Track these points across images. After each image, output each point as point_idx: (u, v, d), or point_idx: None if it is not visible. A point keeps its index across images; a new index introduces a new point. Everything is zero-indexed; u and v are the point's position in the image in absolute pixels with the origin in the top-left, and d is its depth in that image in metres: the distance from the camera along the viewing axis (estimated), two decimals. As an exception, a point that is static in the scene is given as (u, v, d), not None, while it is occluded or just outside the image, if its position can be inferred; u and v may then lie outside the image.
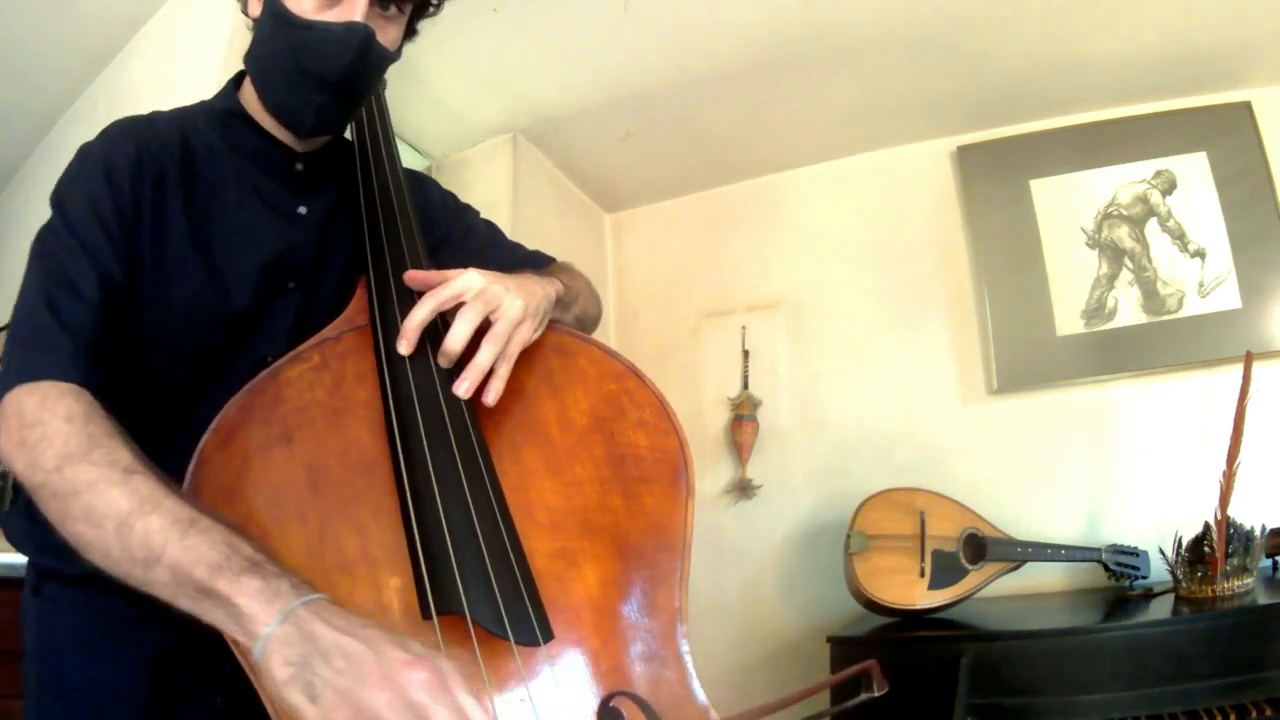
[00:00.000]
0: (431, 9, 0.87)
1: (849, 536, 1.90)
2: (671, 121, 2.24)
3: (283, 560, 0.61)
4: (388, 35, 0.82)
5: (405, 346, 0.73)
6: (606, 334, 2.66)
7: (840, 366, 2.38)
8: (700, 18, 1.83)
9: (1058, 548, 1.90)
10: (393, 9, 0.81)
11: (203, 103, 0.90)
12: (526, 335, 0.77)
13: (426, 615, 0.60)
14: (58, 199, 0.77)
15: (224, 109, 0.87)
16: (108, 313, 0.73)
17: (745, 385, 2.45)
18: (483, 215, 1.10)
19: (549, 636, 0.63)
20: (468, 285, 0.75)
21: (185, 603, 0.56)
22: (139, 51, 1.82)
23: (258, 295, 0.82)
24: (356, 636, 0.52)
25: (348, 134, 0.96)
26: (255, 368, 0.77)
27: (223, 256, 0.81)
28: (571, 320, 0.91)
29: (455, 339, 0.73)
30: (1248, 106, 2.12)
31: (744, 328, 2.49)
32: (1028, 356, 2.19)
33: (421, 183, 1.06)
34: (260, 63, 0.83)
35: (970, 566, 1.85)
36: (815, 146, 2.43)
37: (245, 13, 0.85)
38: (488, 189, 2.20)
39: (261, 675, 0.53)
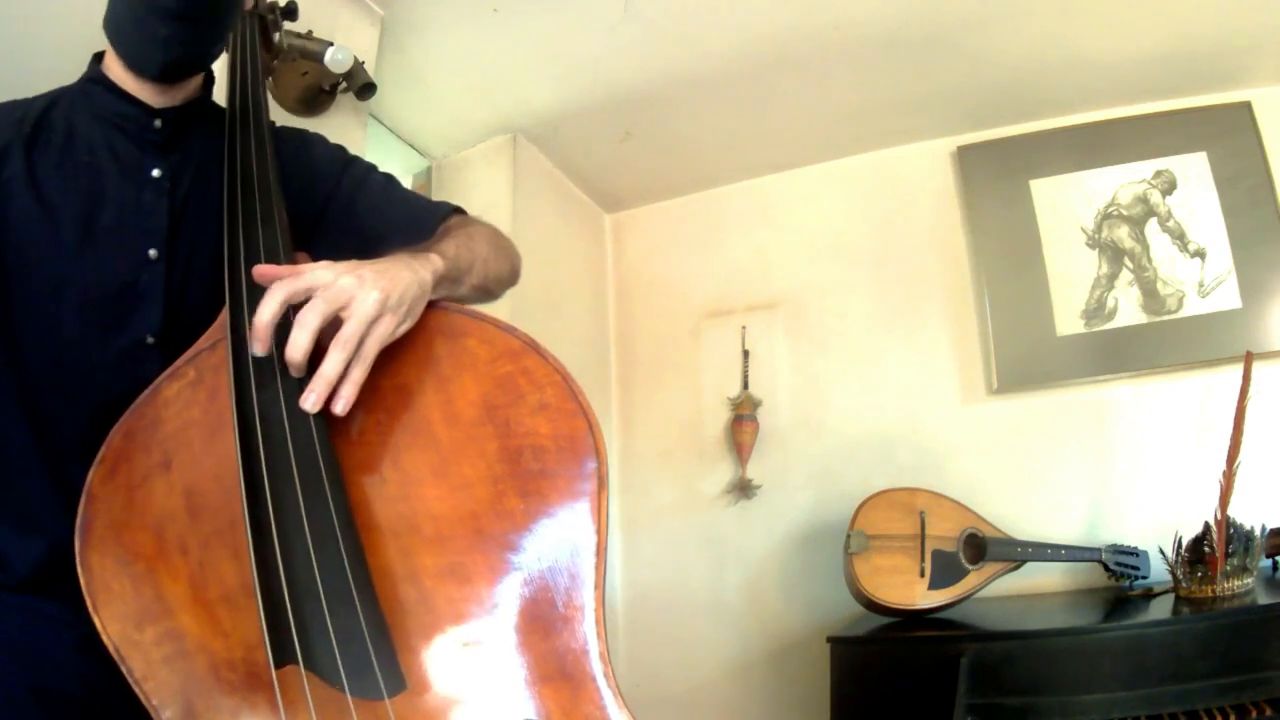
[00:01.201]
0: None
1: (849, 536, 1.90)
2: (671, 121, 2.24)
3: (168, 595, 0.61)
4: None
5: (259, 347, 0.66)
6: (606, 333, 2.66)
7: (840, 366, 2.38)
8: (700, 18, 1.83)
9: (1058, 548, 1.90)
10: None
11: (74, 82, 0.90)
12: (385, 332, 0.67)
13: (270, 665, 0.57)
14: None
15: (86, 77, 0.88)
16: None
17: (745, 385, 2.45)
18: (483, 215, 1.04)
19: (396, 688, 0.56)
20: (315, 279, 0.66)
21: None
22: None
23: (108, 259, 0.80)
24: None
25: (221, 103, 0.93)
26: (136, 349, 0.77)
27: (65, 218, 0.79)
28: (469, 291, 0.83)
29: (295, 347, 0.64)
30: (1248, 106, 2.12)
31: (744, 328, 2.49)
32: (1028, 356, 2.19)
33: (305, 143, 0.99)
34: (113, 18, 0.84)
35: (970, 566, 1.85)
36: (815, 146, 2.43)
37: None
38: (488, 189, 2.20)
39: None
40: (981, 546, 1.88)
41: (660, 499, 2.45)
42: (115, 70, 0.86)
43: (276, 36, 1.24)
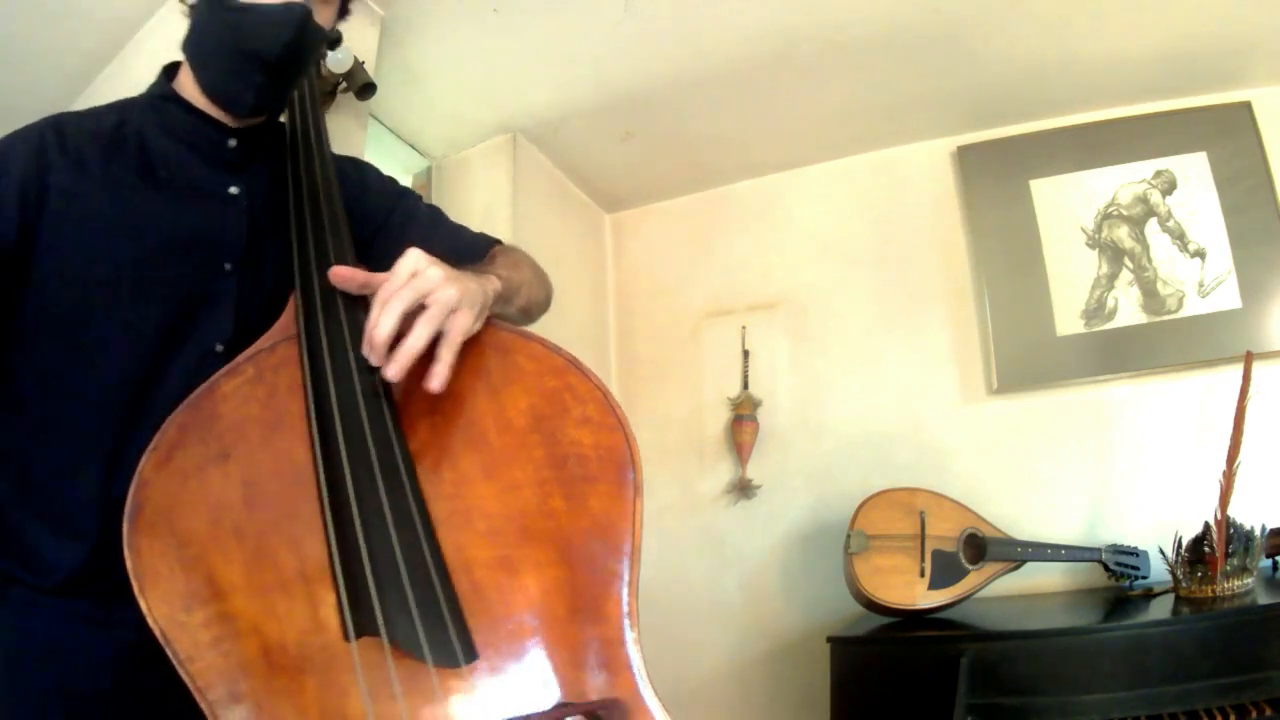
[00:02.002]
0: None
1: (849, 536, 1.90)
2: (671, 121, 2.24)
3: (220, 579, 0.62)
4: (323, 15, 0.84)
5: (376, 358, 0.71)
6: (606, 333, 2.66)
7: (840, 366, 2.38)
8: (700, 18, 1.83)
9: (1058, 548, 1.90)
10: None
11: (140, 94, 0.91)
12: (465, 324, 0.73)
13: (348, 637, 0.60)
14: None
15: (156, 94, 0.89)
16: None
17: (745, 385, 2.45)
18: (483, 215, 1.10)
19: (471, 657, 0.61)
20: (407, 267, 0.72)
21: None
22: (139, 51, 1.81)
23: (186, 274, 0.82)
24: None
25: (281, 118, 0.97)
26: (205, 358, 0.78)
27: (147, 232, 0.81)
28: (515, 312, 0.89)
29: (382, 329, 0.69)
30: (1248, 106, 2.12)
31: (744, 328, 2.49)
32: (1028, 356, 2.19)
33: (360, 169, 1.05)
34: (199, 47, 0.85)
35: (970, 566, 1.85)
36: (815, 146, 2.43)
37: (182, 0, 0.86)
38: (488, 189, 2.20)
39: None
40: (981, 546, 1.88)
41: (660, 499, 2.45)
42: (189, 88, 0.88)
43: (322, 63, 1.34)
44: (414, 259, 0.73)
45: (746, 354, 2.48)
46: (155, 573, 0.64)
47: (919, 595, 1.81)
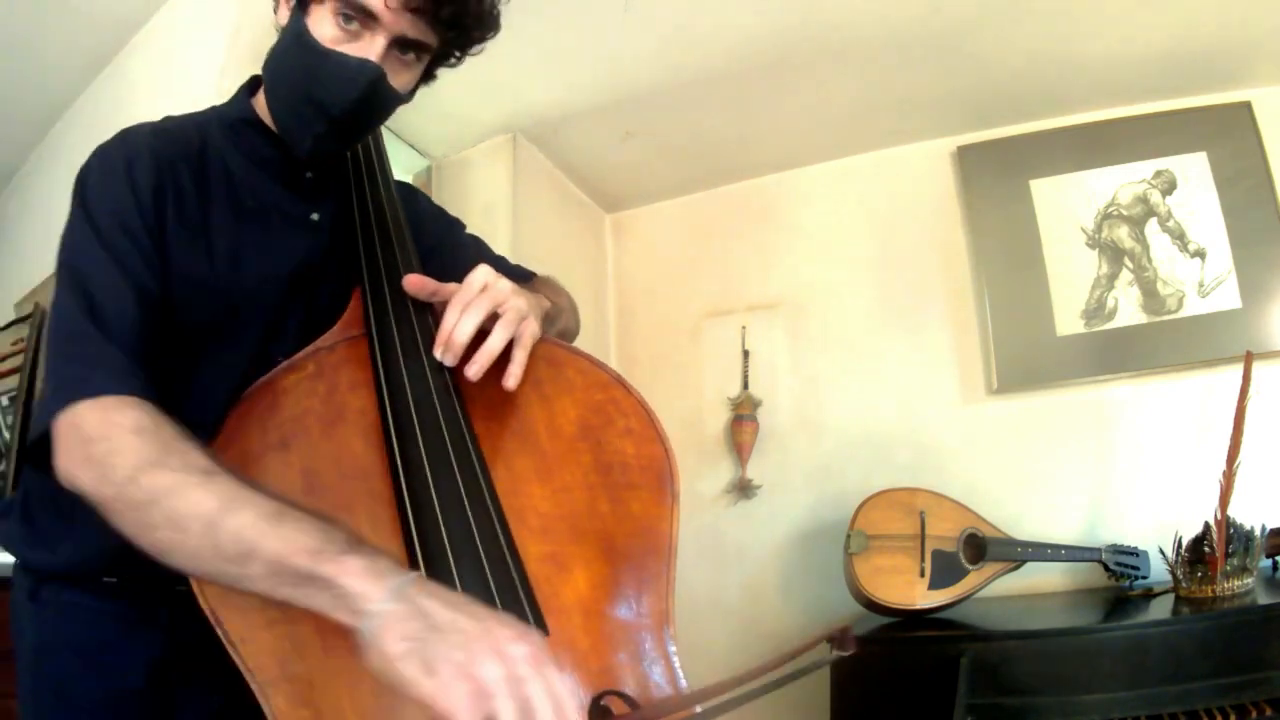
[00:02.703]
0: (454, 60, 0.88)
1: (849, 536, 1.90)
2: (671, 121, 2.24)
3: None
4: (401, 79, 0.81)
5: (450, 358, 0.76)
6: (606, 333, 2.66)
7: (840, 366, 2.38)
8: (700, 18, 1.83)
9: (1058, 548, 1.90)
10: (411, 55, 0.81)
11: (216, 108, 0.90)
12: (534, 331, 0.79)
13: None
14: (82, 203, 0.76)
15: (237, 116, 0.87)
16: (148, 326, 0.73)
17: (745, 385, 2.45)
18: (483, 215, 1.11)
19: (544, 633, 0.65)
20: (480, 280, 0.78)
21: (285, 591, 0.57)
22: (139, 51, 1.82)
23: (281, 301, 0.84)
24: (468, 614, 0.54)
25: None
26: (266, 367, 0.78)
27: (248, 266, 0.82)
28: (555, 334, 0.93)
29: (462, 331, 0.75)
30: (1248, 106, 2.12)
31: (744, 328, 2.49)
32: (1028, 356, 2.19)
33: (413, 195, 1.06)
34: (273, 76, 0.83)
35: (970, 566, 1.85)
36: (815, 146, 2.43)
37: (275, 13, 0.84)
38: (488, 189, 2.20)
39: (370, 651, 0.53)
40: (981, 546, 1.88)
41: (660, 499, 2.45)
42: (267, 112, 0.86)
43: None
44: (486, 272, 0.78)
45: (746, 354, 2.48)
46: None
47: (919, 595, 1.81)
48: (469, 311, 0.75)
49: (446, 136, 2.23)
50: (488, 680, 0.50)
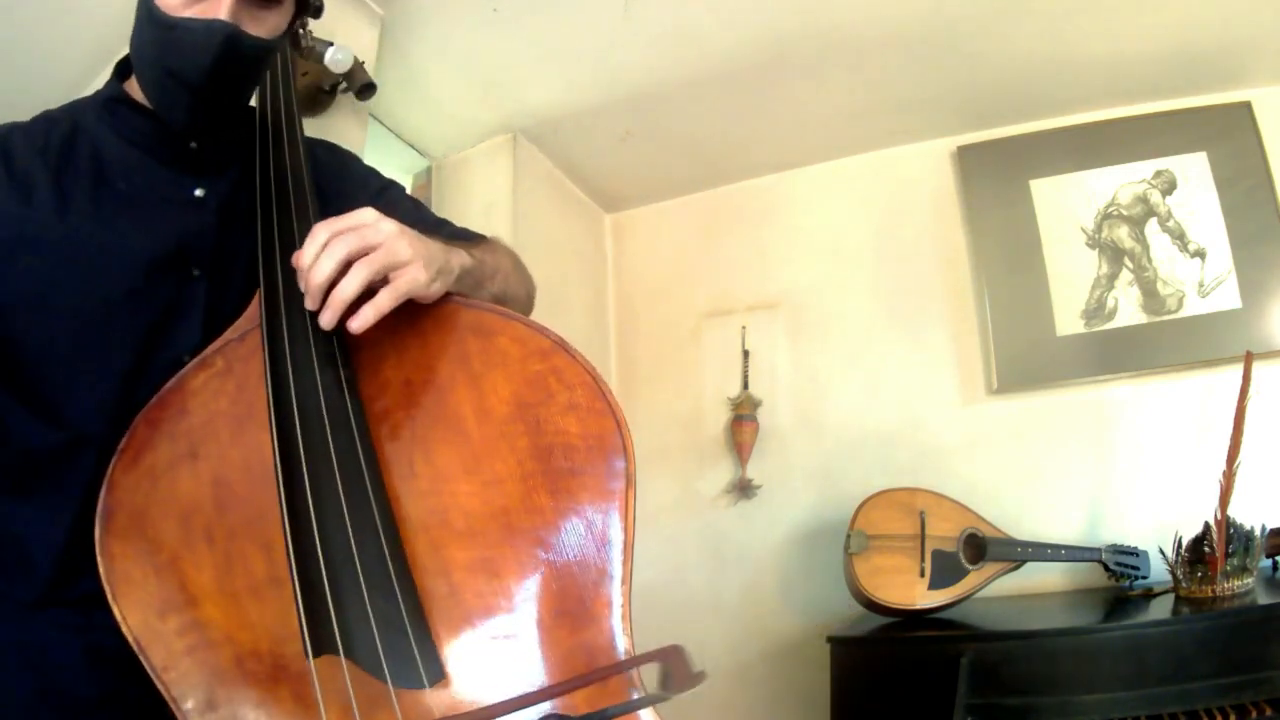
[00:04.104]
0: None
1: (849, 536, 1.90)
2: (671, 121, 2.24)
3: (192, 585, 0.60)
4: (265, 25, 0.77)
5: (310, 301, 0.68)
6: (606, 333, 2.66)
7: (840, 366, 2.38)
8: (700, 18, 1.83)
9: (1058, 548, 1.90)
10: None
11: (94, 94, 0.87)
12: (419, 278, 0.69)
13: (307, 655, 0.57)
14: None
15: (107, 96, 0.84)
16: None
17: (745, 385, 2.45)
18: (483, 215, 1.06)
19: (436, 676, 0.57)
20: (359, 218, 0.69)
21: None
22: (139, 51, 1.82)
23: (156, 287, 0.78)
24: None
25: (253, 102, 0.92)
26: (173, 367, 0.74)
27: (114, 248, 0.77)
28: (488, 298, 0.84)
29: (320, 271, 0.66)
30: (1248, 106, 2.12)
31: (744, 328, 2.49)
32: (1028, 356, 2.19)
33: (339, 154, 1.00)
34: (135, 59, 0.81)
35: (970, 566, 1.85)
36: (815, 146, 2.43)
37: None
38: (488, 189, 2.20)
39: None
40: (981, 546, 1.88)
41: (660, 498, 2.45)
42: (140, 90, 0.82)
43: (301, 32, 1.22)
44: (367, 212, 0.69)
45: (746, 354, 2.48)
46: (128, 579, 0.62)
47: (919, 595, 1.81)
48: (329, 248, 0.66)
49: (446, 136, 2.23)
50: None
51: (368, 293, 0.68)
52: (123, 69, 0.86)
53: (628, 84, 2.06)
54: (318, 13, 0.87)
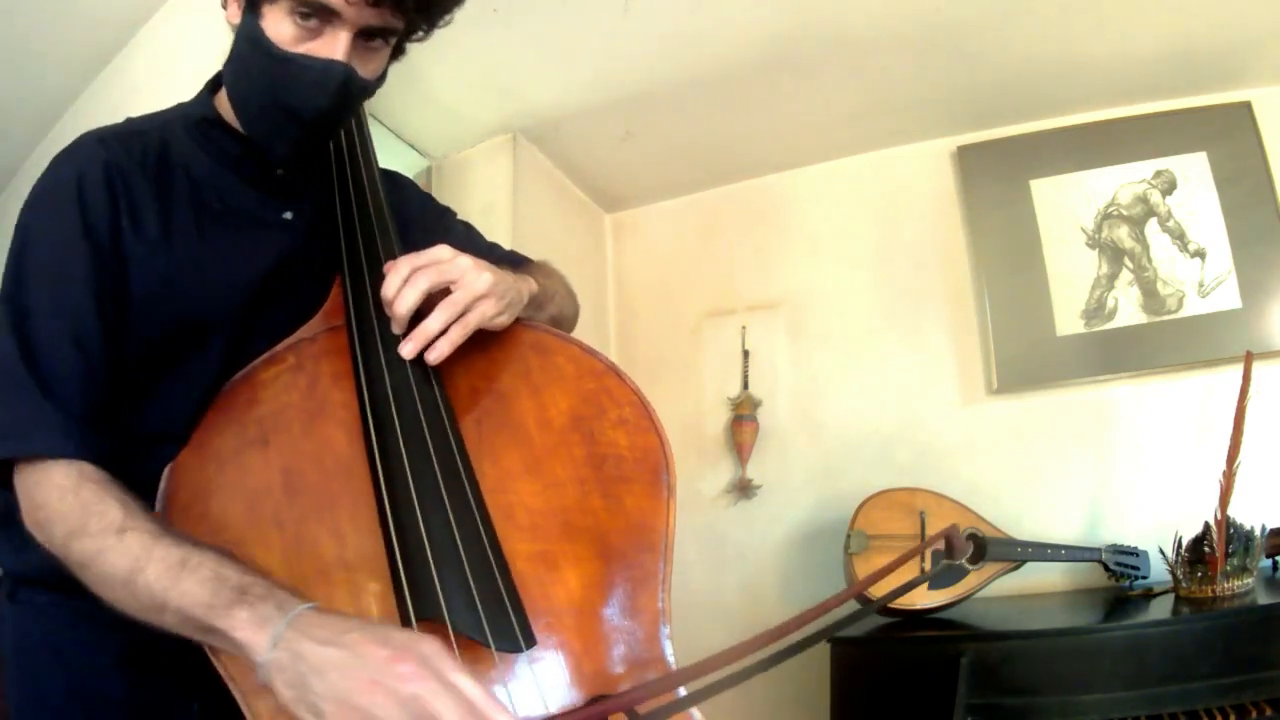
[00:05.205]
0: (420, 34, 0.84)
1: (849, 536, 1.90)
2: (671, 121, 2.24)
3: (259, 566, 0.62)
4: (369, 66, 0.79)
5: (396, 325, 0.74)
6: (606, 333, 2.66)
7: (840, 366, 2.38)
8: (700, 18, 1.83)
9: (1058, 548, 1.90)
10: (379, 41, 0.78)
11: (179, 106, 0.87)
12: (488, 311, 0.76)
13: (406, 622, 0.60)
14: (26, 230, 0.74)
15: (200, 115, 0.85)
16: (90, 367, 0.71)
17: (745, 385, 2.45)
18: (483, 215, 1.08)
19: (531, 642, 0.62)
20: (438, 254, 0.75)
21: (199, 638, 0.59)
22: (139, 51, 1.81)
23: (254, 307, 0.81)
24: (339, 645, 0.53)
25: None
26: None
27: (214, 274, 0.79)
28: (546, 319, 0.90)
29: (403, 302, 0.73)
30: (1248, 106, 2.12)
31: (744, 328, 2.49)
32: (1028, 356, 2.19)
33: (400, 185, 1.04)
34: (236, 84, 0.81)
35: (970, 566, 1.85)
36: (815, 146, 2.43)
37: (224, 9, 0.81)
38: (488, 189, 2.20)
39: (275, 695, 0.54)
40: (981, 546, 1.88)
41: (660, 499, 2.45)
42: (231, 111, 0.83)
43: None
44: (445, 248, 0.75)
45: (746, 354, 2.48)
46: None
47: (919, 595, 1.81)
48: (412, 281, 0.73)
49: (446, 136, 2.23)
50: (371, 711, 0.50)
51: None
52: (215, 83, 0.87)
53: (628, 84, 2.06)
54: (401, 56, 0.89)
